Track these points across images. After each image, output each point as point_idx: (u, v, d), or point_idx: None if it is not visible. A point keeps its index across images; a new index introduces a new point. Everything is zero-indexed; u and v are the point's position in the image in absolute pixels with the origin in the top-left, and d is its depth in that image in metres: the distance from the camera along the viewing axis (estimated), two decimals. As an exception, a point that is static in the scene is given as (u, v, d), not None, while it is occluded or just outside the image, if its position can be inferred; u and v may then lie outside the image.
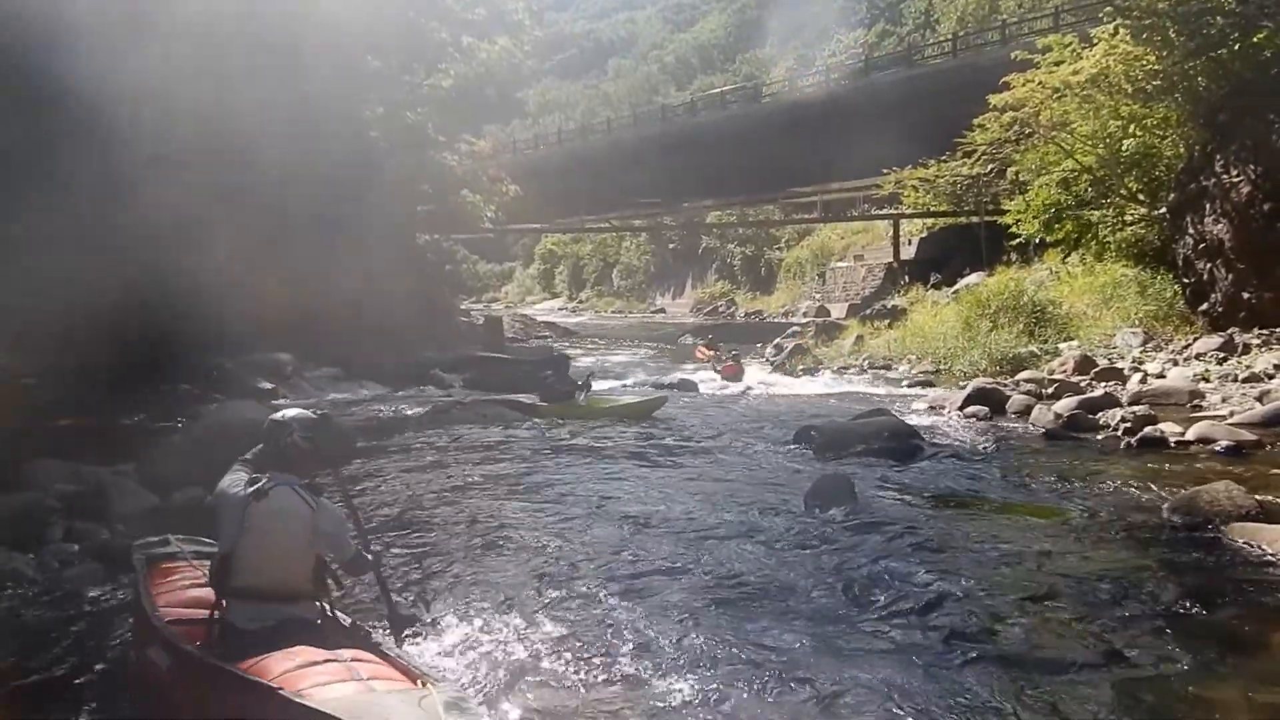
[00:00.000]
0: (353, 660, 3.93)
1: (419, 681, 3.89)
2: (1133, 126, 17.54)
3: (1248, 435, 9.25)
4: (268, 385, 15.43)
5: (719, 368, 20.10)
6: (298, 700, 3.63)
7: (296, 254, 17.13)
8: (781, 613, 5.45)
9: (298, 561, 4.33)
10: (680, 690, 4.56)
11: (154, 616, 4.50)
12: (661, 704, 4.46)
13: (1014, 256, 22.56)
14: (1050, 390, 12.88)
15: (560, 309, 74.49)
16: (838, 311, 37.80)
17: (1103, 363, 13.94)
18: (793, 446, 10.49)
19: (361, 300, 18.92)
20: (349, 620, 4.50)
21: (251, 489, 4.30)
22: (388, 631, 4.55)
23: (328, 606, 4.47)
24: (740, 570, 6.10)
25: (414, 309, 21.78)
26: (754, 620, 5.34)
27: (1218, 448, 9.00)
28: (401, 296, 20.95)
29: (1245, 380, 11.92)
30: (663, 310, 64.57)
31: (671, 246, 67.55)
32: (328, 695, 3.66)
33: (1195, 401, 11.23)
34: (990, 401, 12.47)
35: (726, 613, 5.45)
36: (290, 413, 4.55)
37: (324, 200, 18.50)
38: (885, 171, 29.53)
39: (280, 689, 3.71)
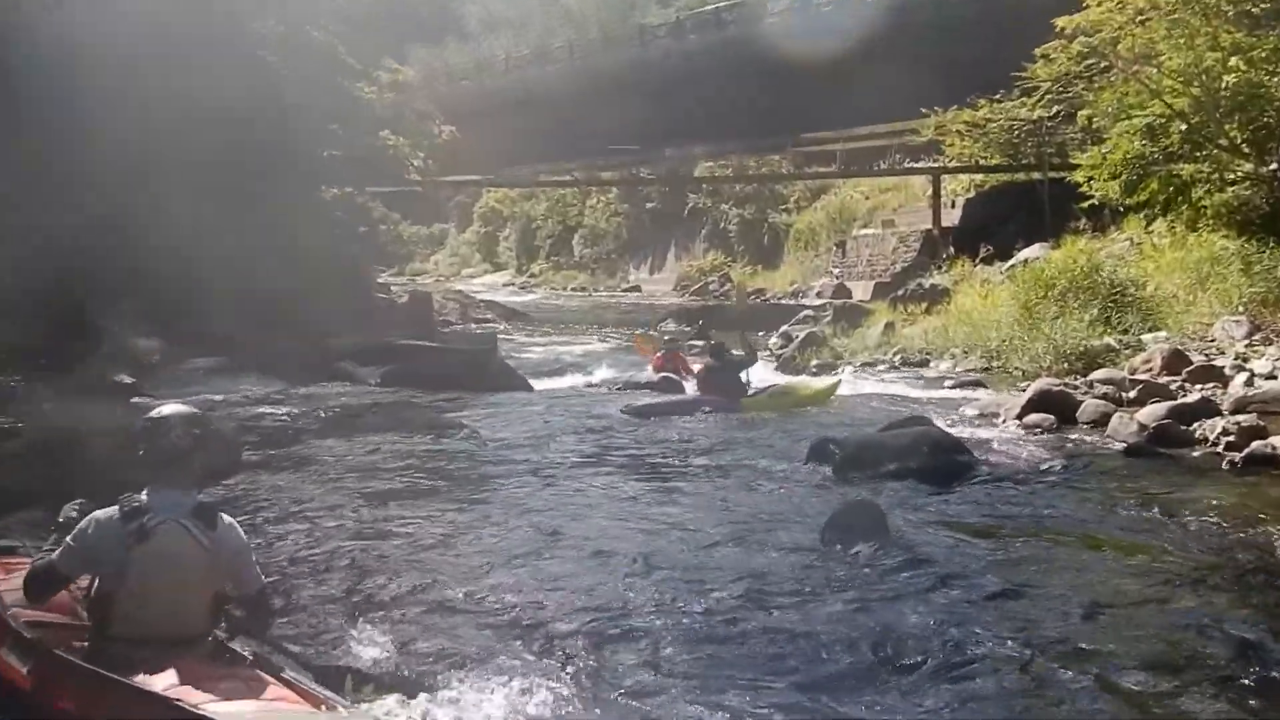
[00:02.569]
0: (252, 680, 4.30)
1: (324, 706, 4.20)
2: (1235, 59, 17.59)
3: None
4: (127, 379, 15.25)
5: (655, 360, 19.85)
6: (196, 713, 3.84)
7: (162, 211, 16.92)
8: (793, 679, 5.36)
9: (190, 604, 4.55)
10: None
11: (5, 614, 4.69)
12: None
13: (1085, 223, 22.67)
14: (1132, 394, 12.90)
15: (506, 284, 74.35)
16: (861, 292, 37.86)
17: (1198, 359, 13.98)
18: (806, 465, 10.44)
19: (250, 271, 18.73)
20: (250, 649, 4.72)
21: (130, 527, 4.42)
22: (292, 663, 4.80)
23: (225, 636, 4.70)
24: (739, 622, 6.02)
25: (318, 282, 21.56)
26: (757, 686, 5.24)
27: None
28: (302, 266, 20.76)
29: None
30: (638, 288, 64.52)
31: (650, 206, 67.51)
32: (226, 709, 3.91)
33: (1317, 410, 11.30)
34: (1057, 408, 12.50)
35: (721, 676, 5.35)
36: (168, 408, 4.75)
37: (200, 141, 18.30)
38: (924, 113, 29.61)
39: (178, 700, 3.93)
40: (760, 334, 27.48)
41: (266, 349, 18.24)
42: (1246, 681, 5.25)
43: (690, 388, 17.50)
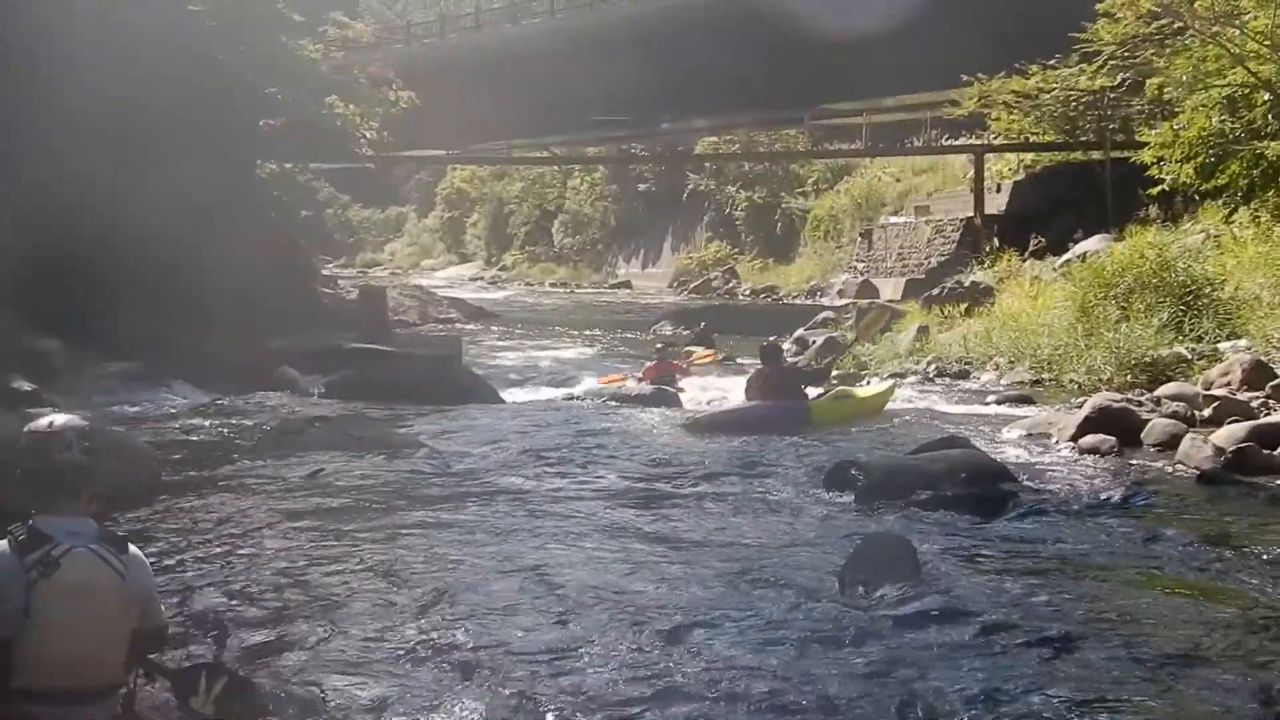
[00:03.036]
0: None
1: None
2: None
3: None
4: (26, 386, 15.22)
5: (638, 373, 20.17)
6: None
7: (69, 190, 16.89)
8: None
9: (108, 644, 4.44)
10: None
11: None
12: None
13: (1154, 211, 22.74)
14: (1207, 412, 12.93)
15: (473, 279, 74.43)
16: (890, 290, 37.99)
17: (1285, 372, 14.03)
18: (824, 493, 10.44)
19: (175, 261, 18.69)
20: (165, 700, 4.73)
21: (31, 558, 4.31)
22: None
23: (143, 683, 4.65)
24: (742, 678, 5.99)
25: (253, 274, 21.54)
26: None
27: None
28: (235, 255, 20.72)
29: None
30: (628, 284, 64.68)
31: (643, 189, 67.67)
32: None
33: None
34: (1119, 427, 12.52)
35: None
36: (60, 420, 4.61)
37: (116, 106, 18.26)
38: (965, 81, 29.63)
39: None
40: (772, 338, 27.60)
41: (193, 352, 18.26)
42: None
43: (685, 398, 17.64)
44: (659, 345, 22.42)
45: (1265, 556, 8.06)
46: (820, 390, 15.91)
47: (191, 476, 11.23)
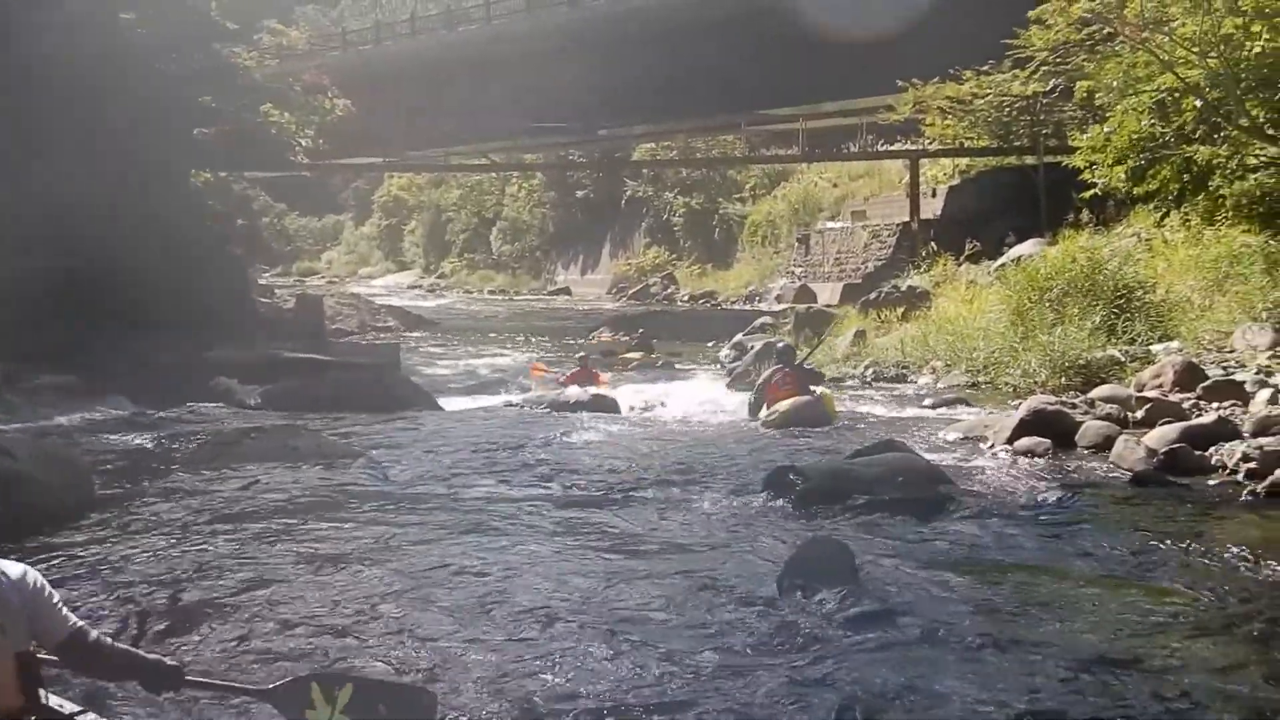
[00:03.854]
0: None
1: None
2: (1260, 26, 17.88)
3: None
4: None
5: (563, 378, 20.48)
6: None
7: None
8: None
9: None
10: None
11: None
12: None
13: (1086, 215, 22.97)
14: (1139, 414, 13.05)
15: (411, 286, 74.18)
16: (828, 295, 38.16)
17: (1215, 373, 14.18)
18: (762, 496, 10.43)
19: (108, 271, 18.52)
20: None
21: None
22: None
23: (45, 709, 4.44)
24: (683, 685, 5.99)
25: (188, 285, 21.39)
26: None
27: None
28: (170, 265, 20.56)
29: None
30: (567, 290, 64.64)
31: (581, 195, 67.68)
32: None
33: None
34: (1053, 430, 12.61)
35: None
36: None
37: (45, 115, 18.07)
38: (901, 85, 29.80)
39: None
40: (710, 344, 27.65)
41: (129, 364, 18.08)
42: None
43: (624, 402, 17.76)
44: (580, 354, 22.63)
45: (1196, 557, 8.14)
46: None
47: (126, 489, 11.13)
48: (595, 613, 7.16)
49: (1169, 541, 8.52)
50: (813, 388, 15.79)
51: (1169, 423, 12.12)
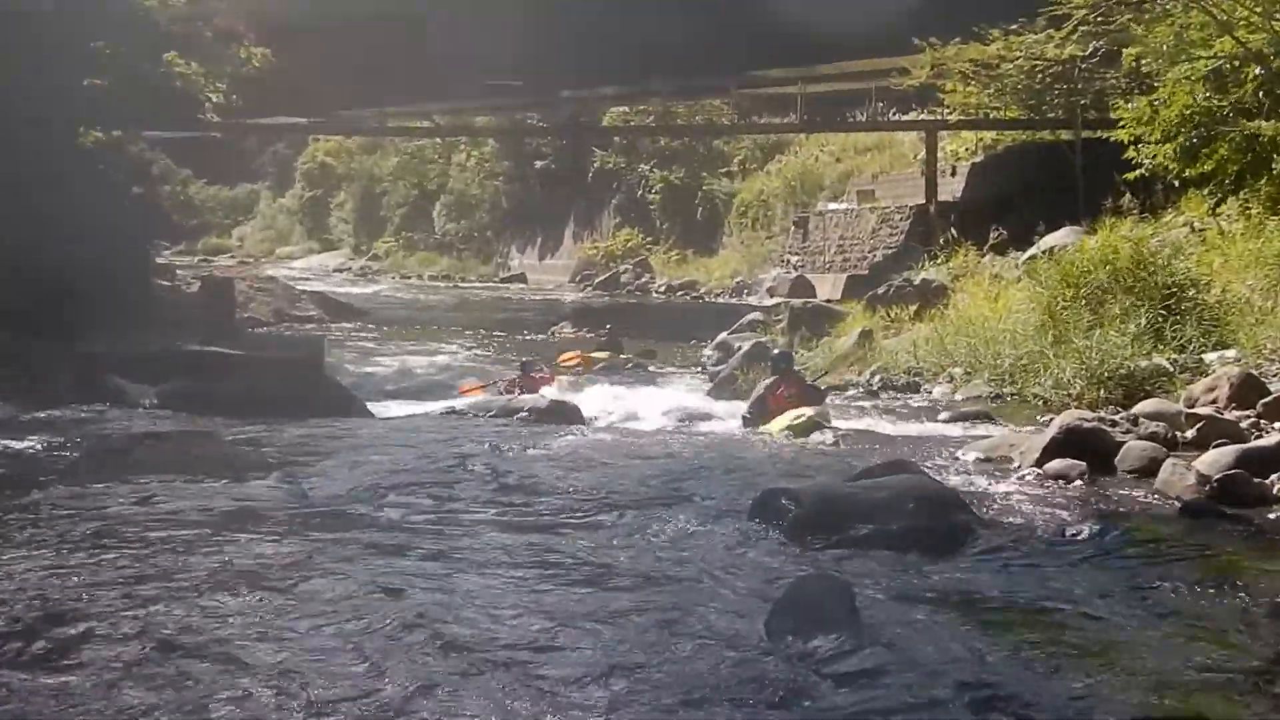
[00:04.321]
0: None
1: None
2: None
3: None
4: None
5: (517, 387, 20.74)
6: None
7: None
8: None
9: None
10: None
11: None
12: None
13: (1131, 200, 23.01)
14: (1190, 433, 13.06)
15: (339, 269, 74.22)
16: (828, 288, 38.27)
17: (1278, 388, 14.18)
18: (750, 526, 10.39)
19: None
20: None
21: None
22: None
23: None
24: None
25: (75, 263, 21.26)
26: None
27: None
28: (53, 240, 20.44)
29: None
30: (522, 277, 64.74)
31: (541, 166, 67.61)
32: None
33: None
34: (1089, 451, 12.59)
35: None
36: None
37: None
38: (917, 45, 29.85)
39: None
40: (691, 343, 27.65)
41: (1, 358, 17.97)
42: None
43: (591, 411, 17.88)
44: (524, 359, 22.80)
45: (1255, 601, 8.13)
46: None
47: (-7, 505, 11.03)
48: (550, 656, 7.12)
49: (1224, 583, 8.50)
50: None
51: (1224, 444, 12.13)
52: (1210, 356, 16.01)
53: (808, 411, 15.70)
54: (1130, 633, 7.70)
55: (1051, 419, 14.00)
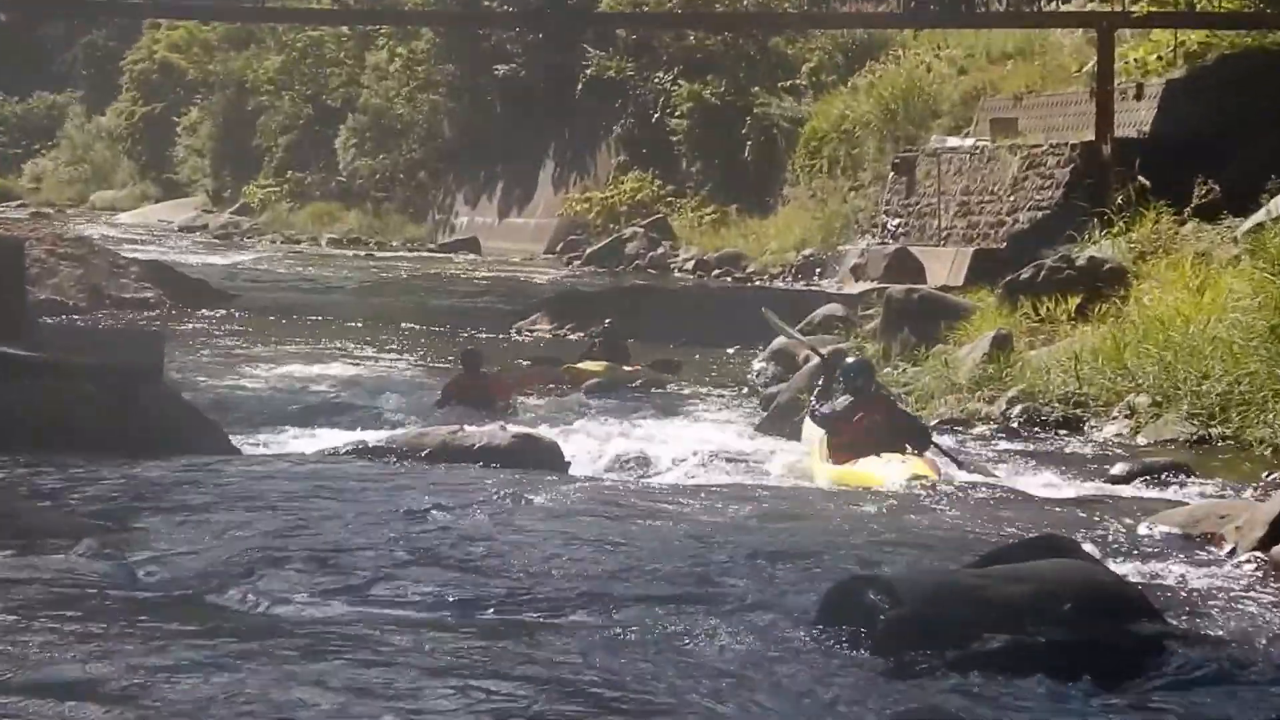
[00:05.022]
0: None
1: None
2: None
3: None
4: None
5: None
6: None
7: None
8: None
9: None
10: None
11: None
12: None
13: None
14: None
15: (189, 226, 74.33)
16: (944, 269, 38.45)
17: None
18: (815, 635, 10.42)
19: None
20: None
21: None
22: None
23: None
24: None
25: None
26: None
27: None
28: None
29: None
30: (473, 243, 64.64)
31: (505, 73, 67.57)
32: None
33: None
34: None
35: None
36: None
37: None
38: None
39: None
40: (733, 350, 27.81)
41: None
42: None
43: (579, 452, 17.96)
44: (466, 349, 23.02)
45: None
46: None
47: None
48: None
49: None
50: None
51: None
52: None
53: (907, 458, 15.73)
54: None
55: (1282, 477, 14.06)
